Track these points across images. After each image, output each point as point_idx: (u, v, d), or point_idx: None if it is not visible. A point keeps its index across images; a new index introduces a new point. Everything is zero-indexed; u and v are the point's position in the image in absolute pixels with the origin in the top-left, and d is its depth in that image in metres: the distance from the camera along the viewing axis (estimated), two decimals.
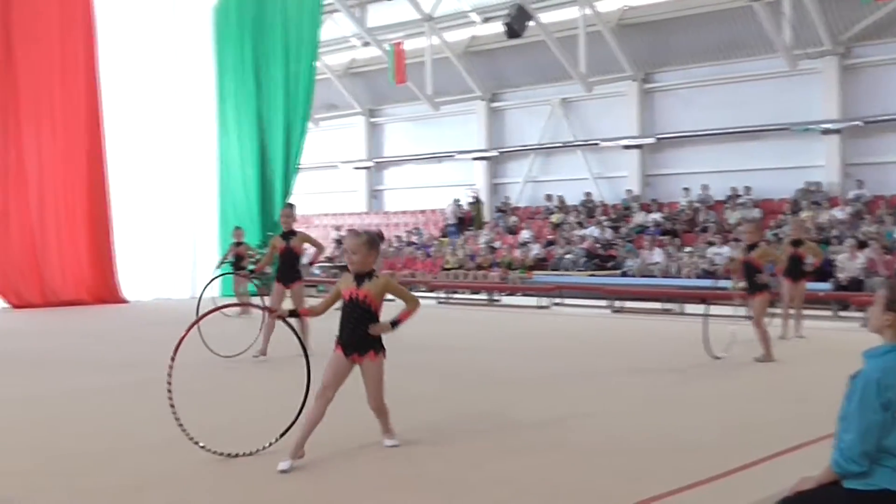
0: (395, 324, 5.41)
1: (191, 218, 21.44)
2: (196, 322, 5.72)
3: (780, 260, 11.23)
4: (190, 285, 20.36)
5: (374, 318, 5.37)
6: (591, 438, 6.00)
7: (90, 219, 19.38)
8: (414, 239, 29.65)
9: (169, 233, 20.77)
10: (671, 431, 6.23)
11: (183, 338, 5.34)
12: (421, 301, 5.57)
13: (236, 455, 5.31)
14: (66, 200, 19.15)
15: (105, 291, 19.28)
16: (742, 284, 10.04)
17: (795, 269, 12.16)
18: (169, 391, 5.18)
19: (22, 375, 9.31)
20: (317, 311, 5.60)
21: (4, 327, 14.84)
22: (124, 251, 19.82)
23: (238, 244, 15.94)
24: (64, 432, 6.37)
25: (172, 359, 5.22)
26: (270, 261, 10.43)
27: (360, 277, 5.36)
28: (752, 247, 9.82)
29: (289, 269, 9.83)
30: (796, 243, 12.30)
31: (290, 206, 11.24)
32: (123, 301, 19.29)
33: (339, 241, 30.50)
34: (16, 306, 18.06)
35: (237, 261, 15.60)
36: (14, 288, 18.25)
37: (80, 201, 19.30)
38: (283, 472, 4.96)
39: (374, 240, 5.44)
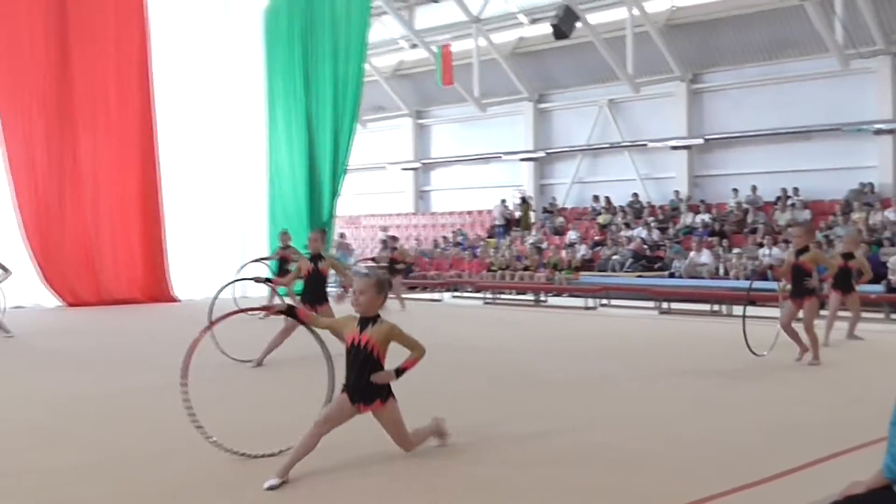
0: (399, 372, 5.15)
1: (241, 218, 21.63)
2: (217, 322, 5.73)
3: (830, 265, 10.99)
4: (240, 285, 20.45)
5: (379, 365, 5.13)
6: (636, 440, 5.93)
7: (143, 219, 19.64)
8: (458, 240, 29.65)
9: (219, 233, 20.98)
10: (718, 434, 6.14)
11: (198, 340, 5.30)
12: (426, 348, 5.27)
13: (260, 455, 5.24)
14: (120, 201, 19.42)
15: (157, 290, 19.53)
16: (788, 287, 9.87)
17: (846, 282, 11.88)
18: (185, 392, 5.11)
19: (75, 373, 9.45)
20: (285, 282, 5.45)
21: (60, 325, 15.07)
22: (176, 251, 20.04)
23: (285, 248, 15.81)
24: (116, 431, 6.45)
25: (186, 363, 5.18)
26: (292, 281, 10.42)
27: (365, 321, 5.16)
28: (802, 251, 9.62)
29: (316, 291, 9.70)
30: (847, 256, 12.00)
31: (321, 230, 11.22)
32: (175, 300, 19.52)
33: (384, 242, 30.62)
34: (71, 304, 18.36)
35: (282, 264, 15.48)
36: (70, 287, 18.55)
37: (134, 202, 19.57)
38: (272, 488, 4.68)
39: (382, 282, 5.25)
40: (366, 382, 5.08)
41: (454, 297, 21.91)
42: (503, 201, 30.23)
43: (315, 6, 22.51)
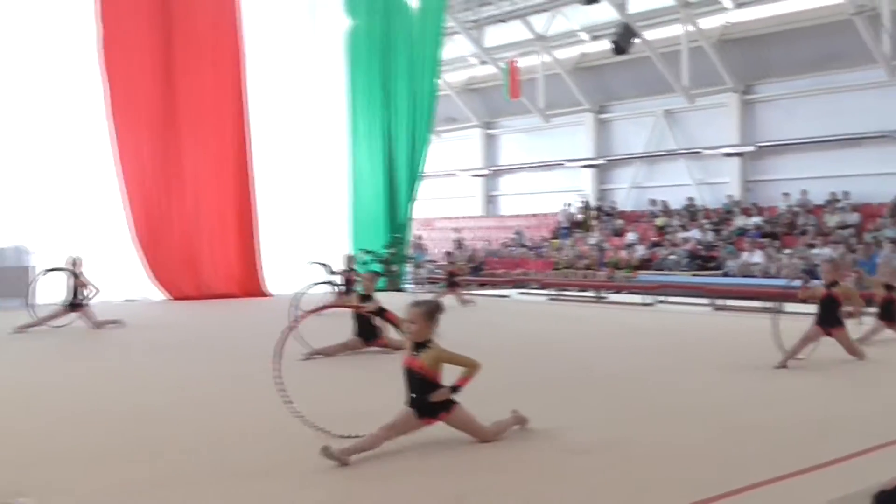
0: (454, 389, 5.14)
1: (325, 220, 21.84)
2: (312, 312, 5.79)
3: (858, 302, 9.65)
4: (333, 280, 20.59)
5: (433, 385, 5.10)
6: (694, 431, 5.82)
7: (239, 222, 19.95)
8: (518, 241, 29.58)
9: (306, 234, 21.21)
10: (769, 424, 5.98)
11: (292, 328, 5.39)
12: (479, 363, 5.22)
13: (346, 436, 5.21)
14: (218, 206, 19.76)
15: (251, 286, 19.81)
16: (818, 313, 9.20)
17: (890, 313, 10.51)
18: (277, 374, 5.19)
19: (179, 360, 9.65)
20: (396, 345, 5.44)
21: (165, 317, 15.42)
22: (268, 250, 20.32)
23: (349, 270, 15.57)
24: (216, 412, 6.56)
25: (279, 346, 5.27)
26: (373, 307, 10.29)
27: (418, 346, 5.15)
28: (832, 284, 8.93)
29: (368, 329, 9.65)
30: (889, 287, 10.65)
31: (375, 273, 11.17)
32: (267, 295, 19.78)
33: (458, 243, 30.66)
34: (175, 298, 18.73)
35: (346, 284, 15.18)
36: (174, 282, 18.95)
37: (230, 206, 19.89)
38: (328, 452, 4.65)
39: (432, 310, 5.22)
40: (425, 401, 5.10)
41: (520, 293, 21.82)
42: (567, 205, 30.06)
43: (392, 28, 22.62)
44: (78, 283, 12.61)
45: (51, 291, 13.84)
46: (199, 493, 4.33)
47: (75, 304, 12.54)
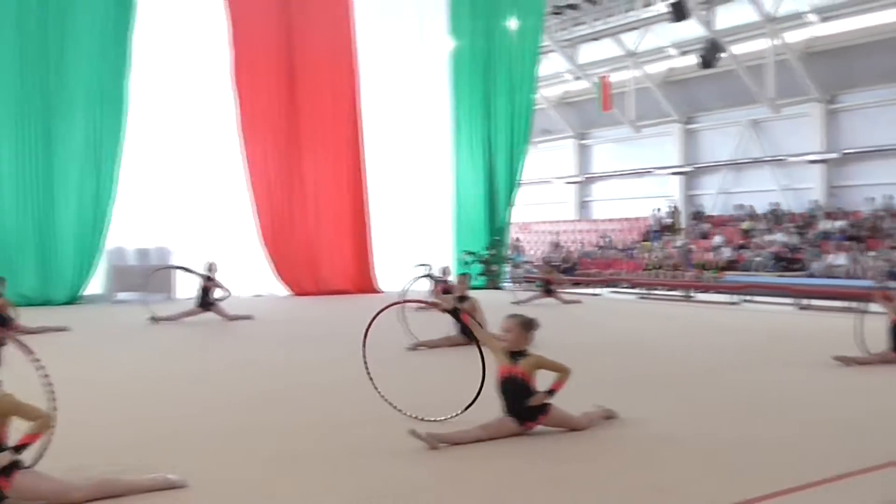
0: (550, 393, 5.02)
1: (431, 224, 21.99)
2: (391, 306, 5.82)
3: None
4: (428, 281, 20.75)
5: (531, 391, 5.02)
6: (770, 425, 5.59)
7: (353, 225, 20.27)
8: (603, 244, 29.14)
9: (414, 236, 21.40)
10: (850, 419, 5.70)
11: (373, 320, 5.44)
12: (568, 368, 5.10)
13: (432, 420, 5.23)
14: (335, 210, 20.13)
15: (364, 283, 20.09)
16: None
17: None
18: (365, 361, 5.25)
19: (299, 348, 9.85)
20: (487, 342, 5.39)
21: (288, 310, 15.79)
22: (379, 250, 20.58)
23: (445, 280, 15.54)
24: (326, 397, 6.67)
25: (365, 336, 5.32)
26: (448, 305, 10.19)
27: (514, 355, 5.06)
28: None
29: (463, 327, 9.62)
30: None
31: (467, 274, 11.14)
32: (378, 291, 20.03)
33: (555, 244, 30.42)
34: (296, 294, 19.17)
35: (444, 292, 15.08)
36: (296, 279, 19.40)
37: (346, 211, 20.23)
38: (417, 434, 4.68)
39: (528, 323, 5.13)
40: (524, 407, 5.01)
41: (612, 292, 21.48)
42: (657, 210, 29.46)
43: (493, 48, 22.61)
44: (211, 286, 12.99)
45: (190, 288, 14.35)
46: (320, 470, 4.39)
47: (206, 303, 12.95)
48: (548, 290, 16.77)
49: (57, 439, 4.64)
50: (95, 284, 17.32)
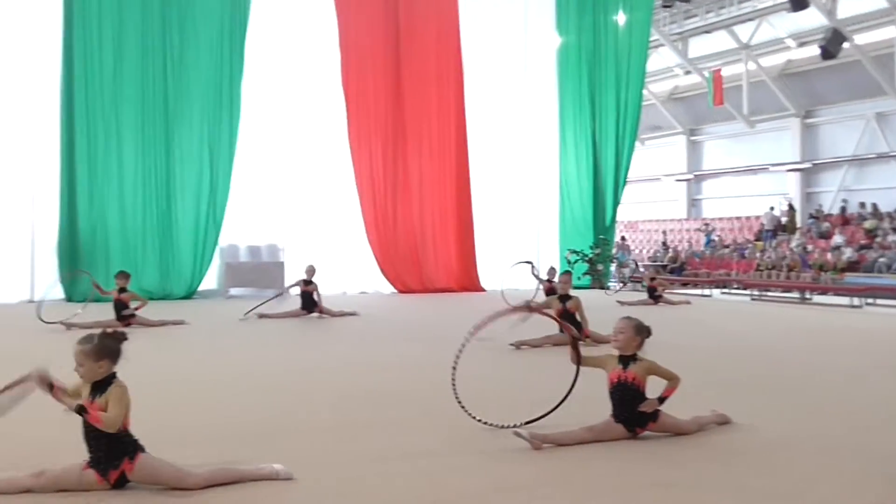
0: (661, 400, 4.88)
1: (536, 222, 21.90)
2: (503, 314, 5.75)
3: None
4: (533, 280, 20.71)
5: (643, 396, 4.90)
6: (889, 429, 5.30)
7: (458, 223, 20.39)
8: (718, 243, 28.20)
9: (518, 234, 21.36)
10: None
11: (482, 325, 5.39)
12: (680, 377, 4.95)
13: (509, 426, 5.10)
14: (440, 208, 20.32)
15: (468, 281, 20.18)
16: None
17: None
18: (456, 364, 5.20)
19: (405, 344, 9.98)
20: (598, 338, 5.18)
21: (393, 307, 16.01)
22: (484, 249, 20.63)
23: (549, 280, 15.36)
24: (424, 394, 6.71)
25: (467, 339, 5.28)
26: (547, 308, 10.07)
27: (626, 360, 4.94)
28: None
29: (572, 324, 9.45)
30: None
31: (569, 273, 11.11)
32: (482, 290, 20.06)
33: (664, 244, 29.75)
34: (401, 291, 19.44)
35: (548, 293, 14.94)
36: (400, 277, 19.67)
37: (451, 208, 20.38)
38: (519, 434, 4.66)
39: (641, 327, 4.97)
40: (635, 412, 4.91)
41: (722, 293, 20.84)
42: (771, 208, 28.37)
43: (600, 43, 22.30)
44: (311, 290, 13.26)
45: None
46: (424, 467, 4.43)
47: (310, 305, 13.22)
48: (654, 296, 16.40)
49: (169, 428, 4.84)
50: (210, 280, 18.08)
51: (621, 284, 21.76)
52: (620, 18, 22.26)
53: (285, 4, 18.99)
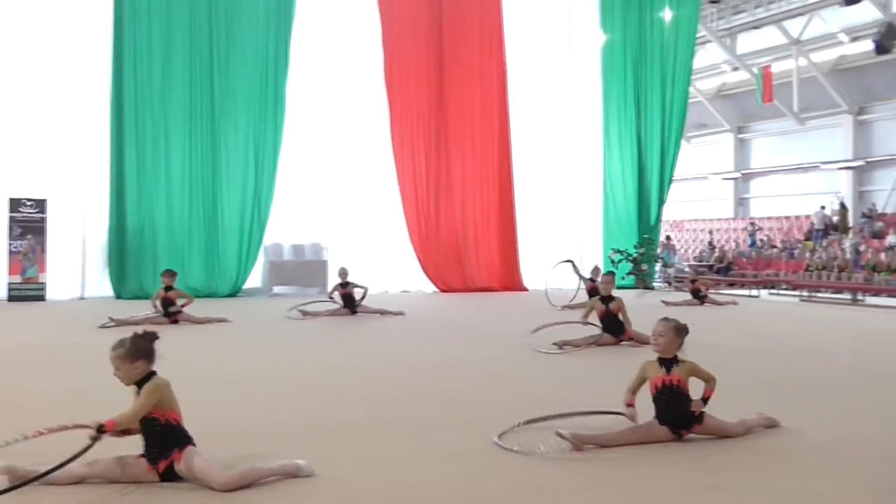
0: (705, 400, 4.85)
1: (579, 221, 21.74)
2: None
3: None
4: (576, 279, 20.59)
5: (688, 398, 4.85)
6: None
7: (500, 222, 20.32)
8: (766, 243, 27.67)
9: (562, 234, 21.23)
10: None
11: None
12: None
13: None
14: (482, 207, 20.27)
15: (510, 280, 20.09)
16: None
17: None
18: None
19: (447, 343, 9.95)
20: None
21: (436, 307, 16.01)
22: (526, 248, 20.53)
23: (592, 280, 15.18)
24: (463, 392, 6.69)
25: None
26: (588, 314, 9.96)
27: (668, 363, 4.87)
28: None
29: (613, 327, 9.46)
30: None
31: (612, 273, 11.07)
32: (524, 289, 19.97)
33: (710, 244, 29.33)
34: (442, 291, 19.43)
35: (590, 293, 14.79)
36: (442, 276, 19.66)
37: (493, 208, 20.31)
38: (561, 436, 4.59)
39: (681, 327, 4.94)
40: (681, 414, 4.85)
41: (770, 293, 20.47)
42: (822, 207, 27.76)
43: (646, 40, 22.06)
44: (347, 291, 13.32)
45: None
46: (461, 466, 4.41)
47: (351, 305, 13.27)
48: (699, 297, 16.22)
49: (210, 423, 4.89)
50: (255, 278, 18.30)
51: (666, 284, 21.53)
52: (666, 15, 21.98)
53: (329, 4, 19.12)
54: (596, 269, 15.45)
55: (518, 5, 20.90)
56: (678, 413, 4.84)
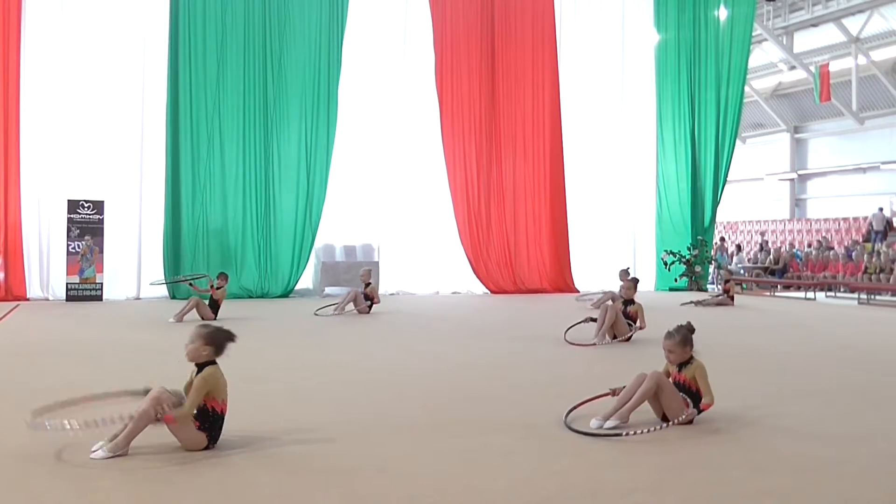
0: (699, 411, 5.36)
1: (632, 223, 21.58)
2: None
3: None
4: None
5: (697, 396, 5.35)
6: None
7: (552, 224, 20.26)
8: (824, 245, 27.07)
9: (614, 235, 21.10)
10: None
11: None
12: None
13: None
14: (534, 209, 20.24)
15: (561, 282, 20.03)
16: None
17: None
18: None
19: (496, 343, 9.96)
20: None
21: (487, 308, 16.01)
22: (578, 250, 20.47)
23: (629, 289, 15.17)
24: (508, 392, 6.72)
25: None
26: (612, 320, 10.08)
27: (681, 364, 5.47)
28: None
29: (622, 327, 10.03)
30: None
31: (635, 280, 11.30)
32: (576, 291, 19.87)
33: (761, 246, 28.83)
34: (493, 292, 19.45)
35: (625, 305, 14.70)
36: (493, 278, 19.68)
37: (544, 210, 20.27)
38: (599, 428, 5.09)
39: (686, 337, 5.43)
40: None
41: (827, 296, 20.07)
42: (880, 209, 27.10)
43: (700, 39, 21.80)
44: (369, 293, 13.90)
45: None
46: (519, 465, 4.45)
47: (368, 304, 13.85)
48: (730, 297, 16.66)
49: (269, 422, 4.99)
50: (306, 279, 18.54)
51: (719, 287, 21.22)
52: (721, 13, 21.70)
53: (381, 6, 19.30)
54: (624, 272, 15.42)
55: (571, 6, 20.88)
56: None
